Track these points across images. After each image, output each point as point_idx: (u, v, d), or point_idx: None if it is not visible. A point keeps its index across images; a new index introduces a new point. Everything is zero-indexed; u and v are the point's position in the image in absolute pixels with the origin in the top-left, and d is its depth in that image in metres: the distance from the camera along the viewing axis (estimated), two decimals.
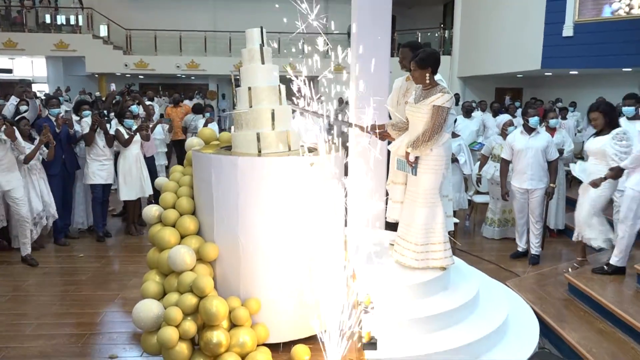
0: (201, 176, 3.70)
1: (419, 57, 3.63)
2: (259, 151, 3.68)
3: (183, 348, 3.21)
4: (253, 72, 3.81)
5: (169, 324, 3.18)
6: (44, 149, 5.51)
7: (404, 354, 3.16)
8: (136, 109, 7.21)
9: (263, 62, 3.82)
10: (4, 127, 4.98)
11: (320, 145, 3.56)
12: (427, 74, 3.64)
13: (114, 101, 8.14)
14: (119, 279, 5.11)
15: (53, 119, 5.99)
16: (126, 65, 18.14)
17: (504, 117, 6.91)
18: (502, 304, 3.91)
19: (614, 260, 4.58)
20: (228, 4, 19.56)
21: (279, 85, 3.85)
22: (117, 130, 6.25)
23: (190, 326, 3.18)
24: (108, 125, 6.33)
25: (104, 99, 9.89)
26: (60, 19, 18.09)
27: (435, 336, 3.34)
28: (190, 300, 3.23)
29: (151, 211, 3.84)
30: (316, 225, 3.55)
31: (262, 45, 3.83)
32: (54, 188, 5.85)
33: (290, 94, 4.00)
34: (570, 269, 5.04)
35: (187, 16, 19.05)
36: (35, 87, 18.37)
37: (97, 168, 6.20)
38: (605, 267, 4.64)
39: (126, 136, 6.26)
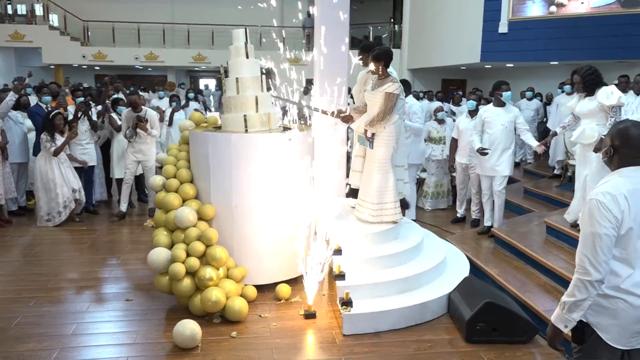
0: (198, 151, 4.51)
1: (374, 52, 4.55)
2: (246, 130, 4.52)
3: (188, 282, 4.04)
4: (239, 65, 4.63)
5: (175, 261, 4.00)
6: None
7: (365, 282, 4.10)
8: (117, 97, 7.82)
9: (247, 57, 4.65)
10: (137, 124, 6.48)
11: (294, 124, 4.47)
12: (380, 67, 4.56)
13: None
14: (117, 245, 5.83)
15: (44, 106, 6.57)
16: (84, 56, 18.25)
17: (435, 104, 8.08)
18: (441, 250, 4.93)
19: None
20: None
21: (261, 76, 4.69)
22: (110, 117, 6.90)
23: (194, 262, 4.02)
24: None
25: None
26: (15, 9, 17.98)
27: (388, 271, 4.30)
28: (199, 247, 4.06)
29: (156, 180, 4.62)
30: (294, 188, 4.45)
31: (246, 43, 4.64)
32: None
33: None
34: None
35: (145, 8, 19.33)
36: None
37: (80, 152, 6.82)
38: None
39: (119, 122, 6.92)
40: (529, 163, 10.23)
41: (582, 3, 10.49)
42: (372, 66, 4.63)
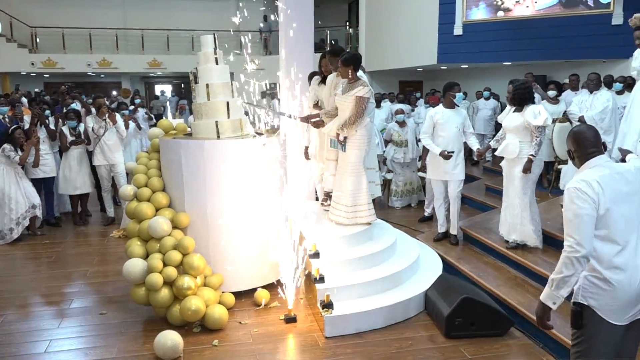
0: (170, 158, 4.44)
1: (343, 57, 4.60)
2: (218, 136, 4.49)
3: (166, 293, 3.98)
4: (209, 72, 4.60)
5: (152, 271, 3.93)
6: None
7: (344, 284, 4.14)
8: (75, 106, 7.58)
9: (217, 63, 4.62)
10: (107, 114, 6.69)
11: (266, 130, 4.47)
12: (350, 71, 4.62)
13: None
14: (83, 258, 5.63)
15: (0, 117, 6.31)
16: (33, 64, 17.57)
17: (396, 106, 8.29)
18: (414, 249, 5.04)
19: None
20: (138, 1, 19.49)
21: (232, 82, 4.67)
22: (61, 131, 6.67)
23: (171, 271, 3.97)
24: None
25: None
26: None
27: (366, 271, 4.36)
28: (176, 256, 4.00)
29: (127, 190, 4.52)
30: (268, 193, 4.45)
31: (215, 49, 4.61)
32: None
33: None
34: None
35: (96, 13, 18.76)
36: None
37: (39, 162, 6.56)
38: None
39: (69, 137, 6.71)
40: (488, 161, 10.54)
41: (527, 7, 10.94)
42: (340, 70, 4.68)
